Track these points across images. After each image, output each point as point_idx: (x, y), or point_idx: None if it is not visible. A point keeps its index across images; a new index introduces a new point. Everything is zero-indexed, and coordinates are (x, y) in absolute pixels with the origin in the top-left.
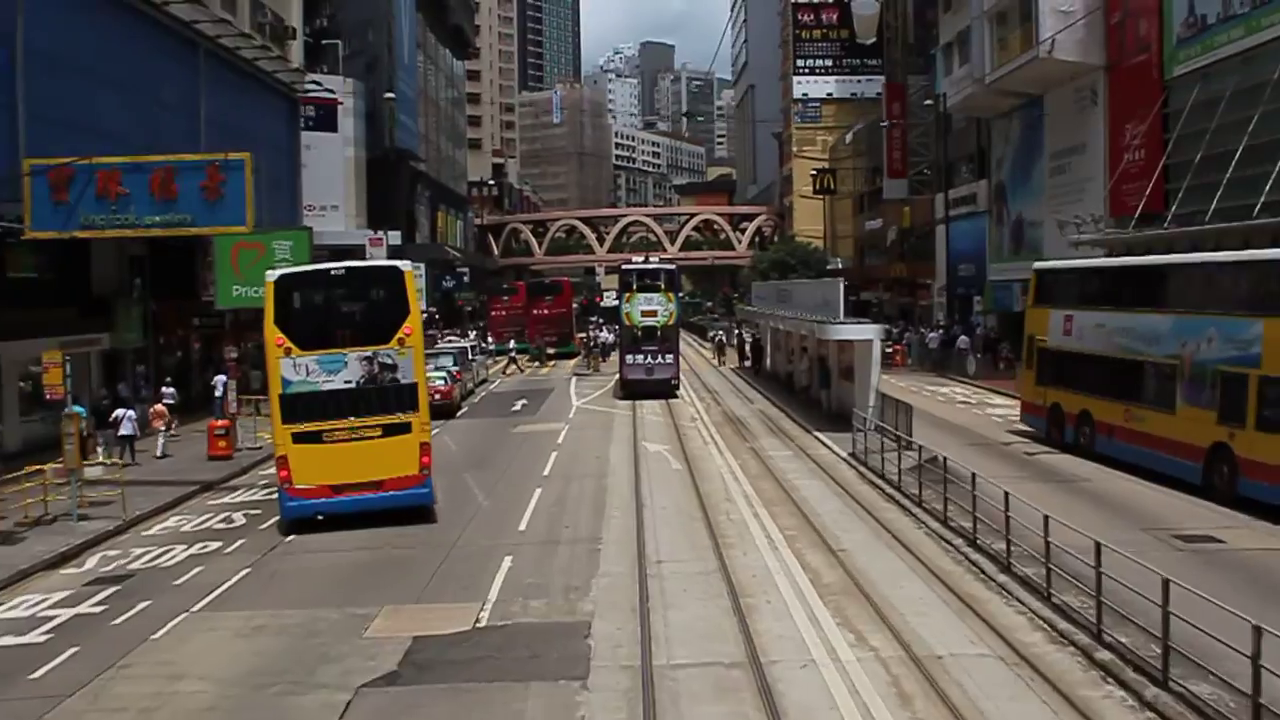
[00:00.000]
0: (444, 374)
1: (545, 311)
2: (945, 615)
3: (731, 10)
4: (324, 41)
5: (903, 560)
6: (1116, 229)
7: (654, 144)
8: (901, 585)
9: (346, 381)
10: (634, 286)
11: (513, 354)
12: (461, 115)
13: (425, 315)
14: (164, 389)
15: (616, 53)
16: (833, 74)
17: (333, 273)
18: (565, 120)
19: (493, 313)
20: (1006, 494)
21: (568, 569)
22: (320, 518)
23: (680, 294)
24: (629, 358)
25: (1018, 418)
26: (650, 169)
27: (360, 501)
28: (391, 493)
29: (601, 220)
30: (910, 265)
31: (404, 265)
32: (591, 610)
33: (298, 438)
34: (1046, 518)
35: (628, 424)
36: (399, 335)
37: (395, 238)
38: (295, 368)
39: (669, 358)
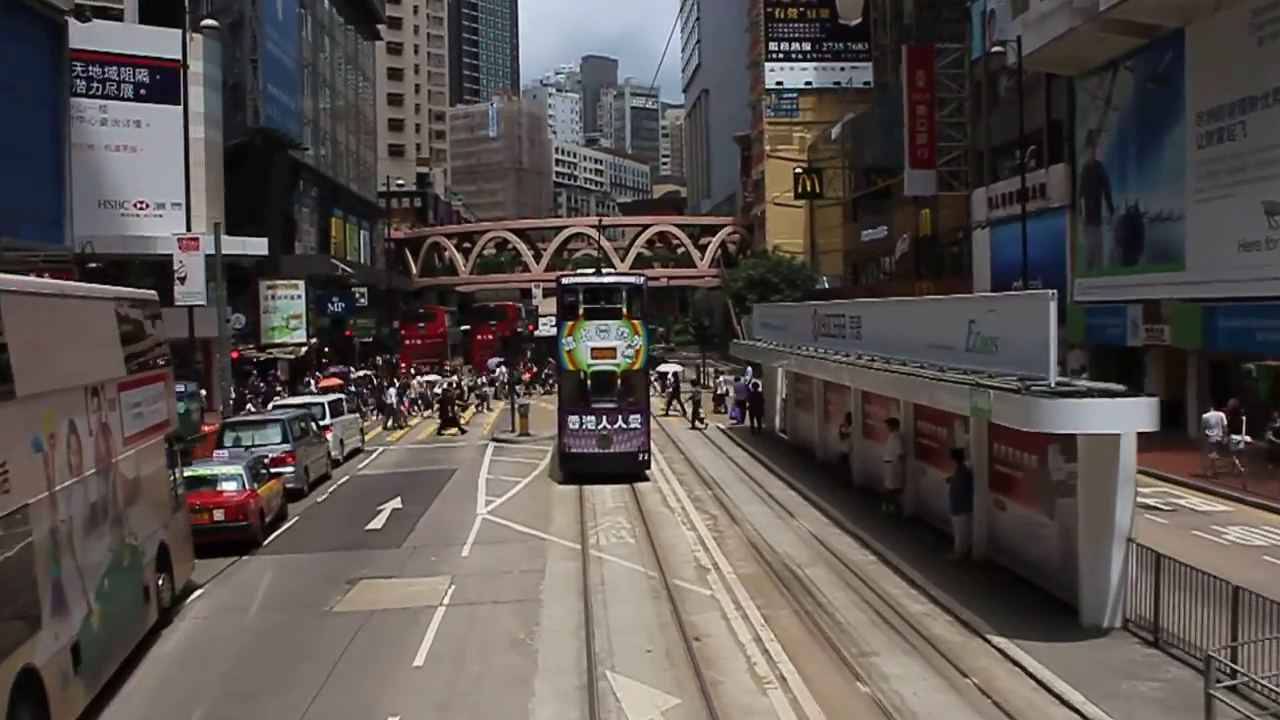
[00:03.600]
0: (238, 477)
1: (490, 337)
2: None
3: (681, 9)
4: None
5: None
6: None
7: (597, 160)
8: None
9: None
10: (580, 310)
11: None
12: (371, 108)
13: (305, 348)
14: None
15: (558, 72)
16: (811, 60)
17: None
18: (502, 134)
19: (406, 341)
20: None
21: None
22: None
23: (649, 322)
24: (572, 420)
25: None
26: (593, 187)
27: None
28: None
29: (538, 234)
30: (938, 283)
31: None
32: None
33: None
34: None
35: (573, 586)
36: None
37: (259, 246)
38: None
39: (635, 419)
